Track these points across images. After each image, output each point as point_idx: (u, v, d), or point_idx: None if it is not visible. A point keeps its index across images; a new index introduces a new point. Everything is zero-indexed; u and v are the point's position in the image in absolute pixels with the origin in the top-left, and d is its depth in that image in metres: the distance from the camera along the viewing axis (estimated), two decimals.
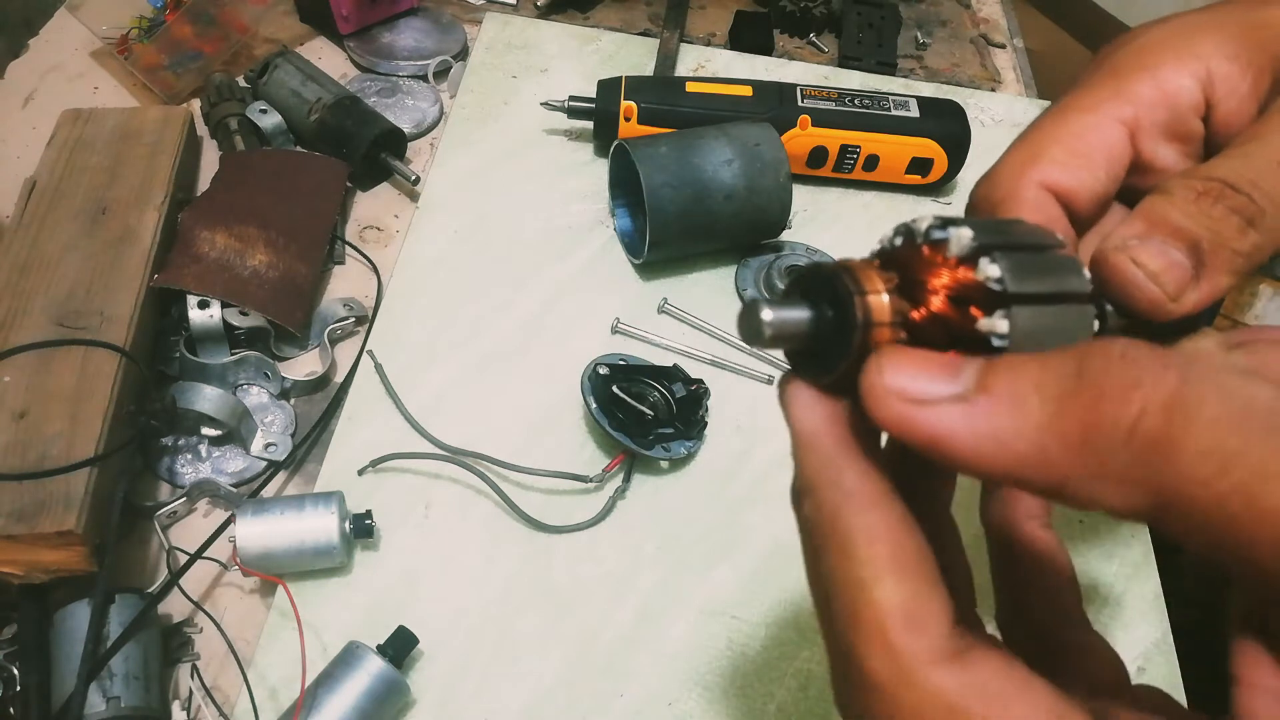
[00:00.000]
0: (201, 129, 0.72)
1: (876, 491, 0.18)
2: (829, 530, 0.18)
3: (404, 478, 0.54)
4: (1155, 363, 0.15)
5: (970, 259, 0.20)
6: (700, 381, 0.56)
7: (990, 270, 0.19)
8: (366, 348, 0.60)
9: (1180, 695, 0.49)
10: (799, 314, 0.21)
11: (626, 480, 0.55)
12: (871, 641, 0.17)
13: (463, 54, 0.81)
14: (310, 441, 0.56)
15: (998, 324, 0.19)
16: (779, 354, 0.54)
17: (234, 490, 0.53)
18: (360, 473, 0.54)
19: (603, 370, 0.55)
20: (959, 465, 0.16)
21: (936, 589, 0.18)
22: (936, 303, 0.19)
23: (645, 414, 0.54)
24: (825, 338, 0.21)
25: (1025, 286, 0.19)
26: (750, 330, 0.21)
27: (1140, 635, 0.53)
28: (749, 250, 0.68)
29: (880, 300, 0.20)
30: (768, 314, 0.21)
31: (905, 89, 0.83)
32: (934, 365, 0.17)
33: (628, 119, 0.70)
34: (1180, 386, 0.14)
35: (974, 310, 0.19)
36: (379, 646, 0.45)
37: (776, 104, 0.70)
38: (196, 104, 0.73)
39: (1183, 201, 0.23)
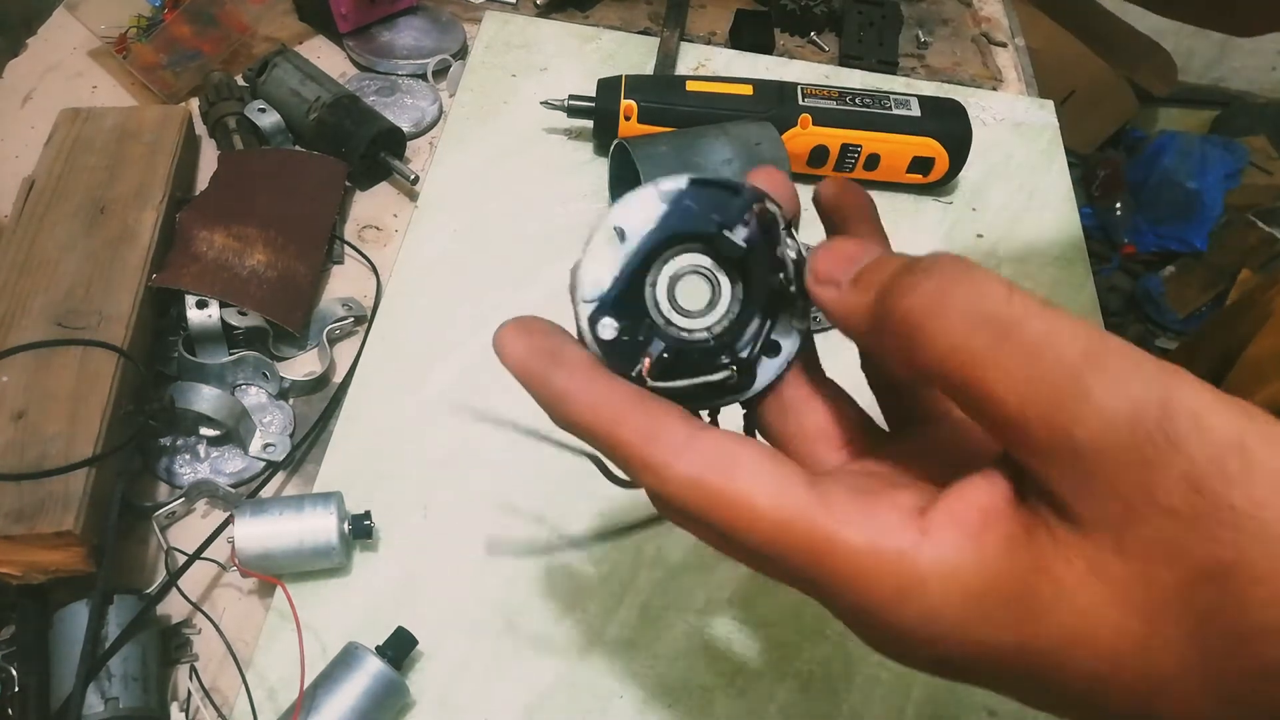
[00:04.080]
0: (200, 128, 0.71)
1: (580, 377, 0.24)
2: (580, 421, 0.23)
3: (403, 478, 0.54)
4: (930, 277, 0.21)
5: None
6: (760, 197, 0.26)
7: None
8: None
9: None
10: None
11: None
12: (637, 467, 0.23)
13: (462, 53, 0.80)
14: (309, 442, 0.56)
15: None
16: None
17: (233, 491, 0.53)
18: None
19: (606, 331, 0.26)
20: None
21: (661, 407, 0.23)
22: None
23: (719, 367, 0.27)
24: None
25: None
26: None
27: None
28: None
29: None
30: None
31: (906, 88, 0.83)
32: (840, 257, 0.24)
33: (628, 118, 0.70)
34: (925, 307, 0.20)
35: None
36: (378, 647, 0.45)
37: (777, 103, 0.70)
38: (195, 103, 0.73)
39: None
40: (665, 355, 0.25)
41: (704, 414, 0.27)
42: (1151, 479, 0.17)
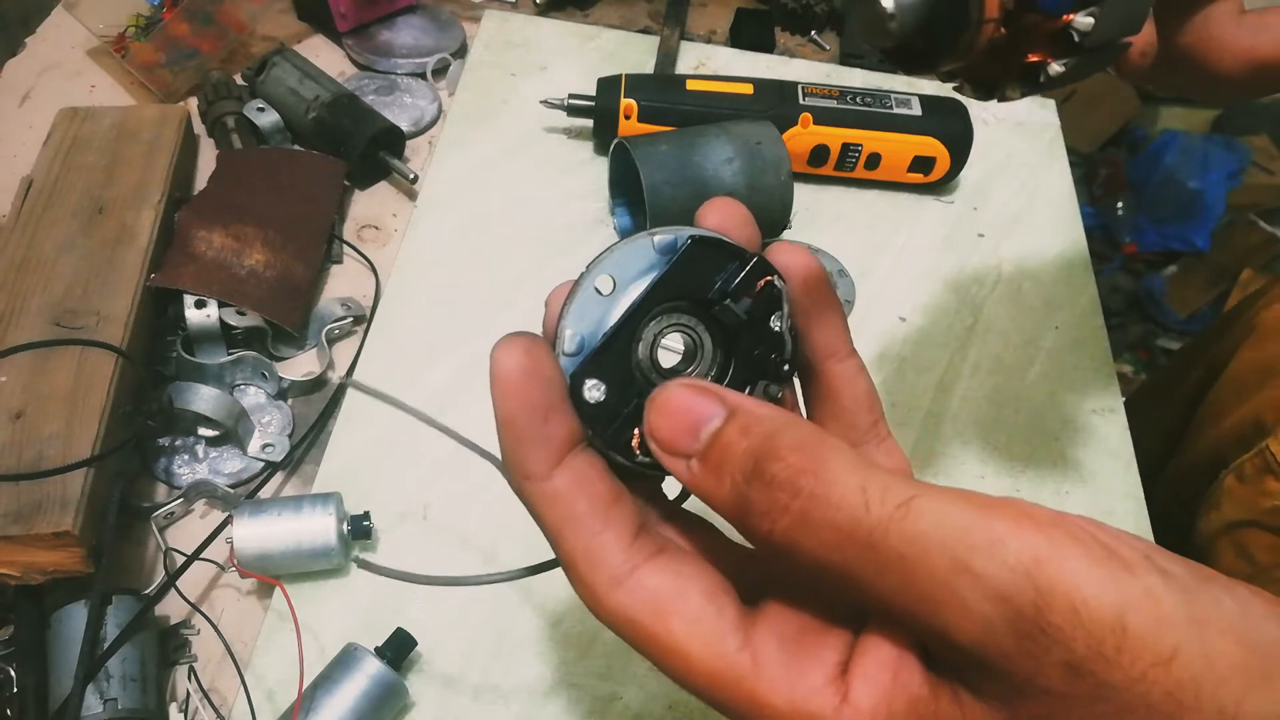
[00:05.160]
0: (199, 127, 0.71)
1: (549, 464, 0.23)
2: (531, 505, 0.23)
3: (403, 478, 0.54)
4: (786, 494, 0.20)
5: None
6: (767, 270, 0.25)
7: None
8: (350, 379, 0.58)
9: None
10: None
11: None
12: (575, 582, 0.23)
13: (461, 52, 0.80)
14: (308, 442, 0.56)
15: (1082, 21, 0.25)
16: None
17: (231, 491, 0.53)
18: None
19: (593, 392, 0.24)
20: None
21: (610, 523, 0.22)
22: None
23: None
24: (938, 23, 0.24)
25: None
26: (871, 17, 0.24)
27: None
28: None
29: None
30: (889, 2, 0.24)
31: (908, 87, 0.83)
32: (682, 422, 0.22)
33: (628, 117, 0.70)
34: (788, 529, 0.20)
35: (1066, 17, 0.25)
36: (377, 648, 0.45)
37: (778, 102, 0.70)
38: (194, 102, 0.73)
39: None
40: None
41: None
42: (1035, 668, 0.18)
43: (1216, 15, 0.39)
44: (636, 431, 0.24)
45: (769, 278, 0.24)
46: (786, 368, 0.25)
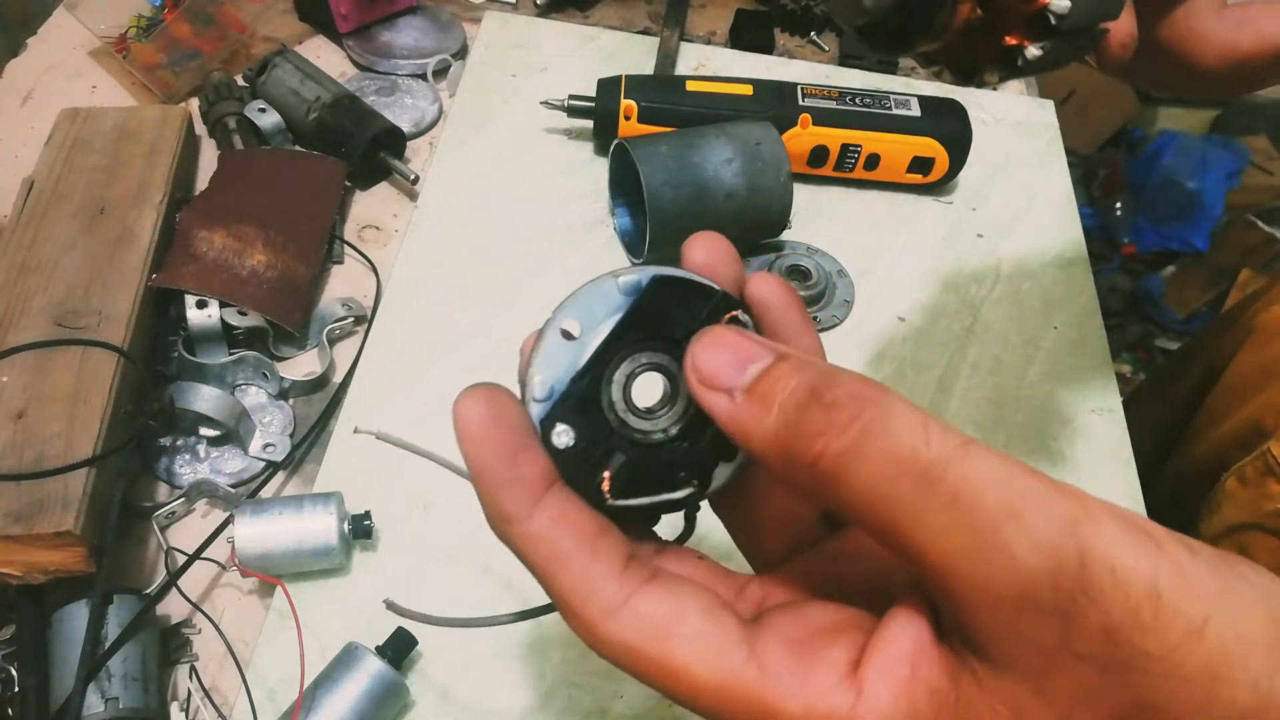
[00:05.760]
0: (200, 128, 0.71)
1: (528, 504, 0.22)
2: (516, 549, 0.23)
3: (403, 478, 0.54)
4: (846, 416, 0.20)
5: None
6: (733, 304, 0.25)
7: None
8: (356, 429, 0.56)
9: None
10: None
11: None
12: (570, 619, 0.22)
13: (462, 53, 0.80)
14: (309, 442, 0.56)
15: (1058, 4, 0.25)
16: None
17: (232, 491, 0.53)
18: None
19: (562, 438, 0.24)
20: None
21: (599, 555, 0.22)
22: None
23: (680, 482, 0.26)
24: (914, 2, 0.25)
25: None
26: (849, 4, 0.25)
27: None
28: (750, 250, 0.68)
29: None
30: None
31: (906, 88, 0.83)
32: (729, 357, 0.22)
33: (628, 118, 0.70)
34: (842, 453, 0.20)
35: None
36: (378, 647, 0.45)
37: (777, 103, 0.70)
38: (195, 103, 0.73)
39: None
40: (623, 467, 0.24)
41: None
42: (1070, 631, 0.18)
43: (1198, 8, 0.39)
44: (606, 475, 0.23)
45: (734, 312, 0.24)
46: None
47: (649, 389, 0.25)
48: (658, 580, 0.22)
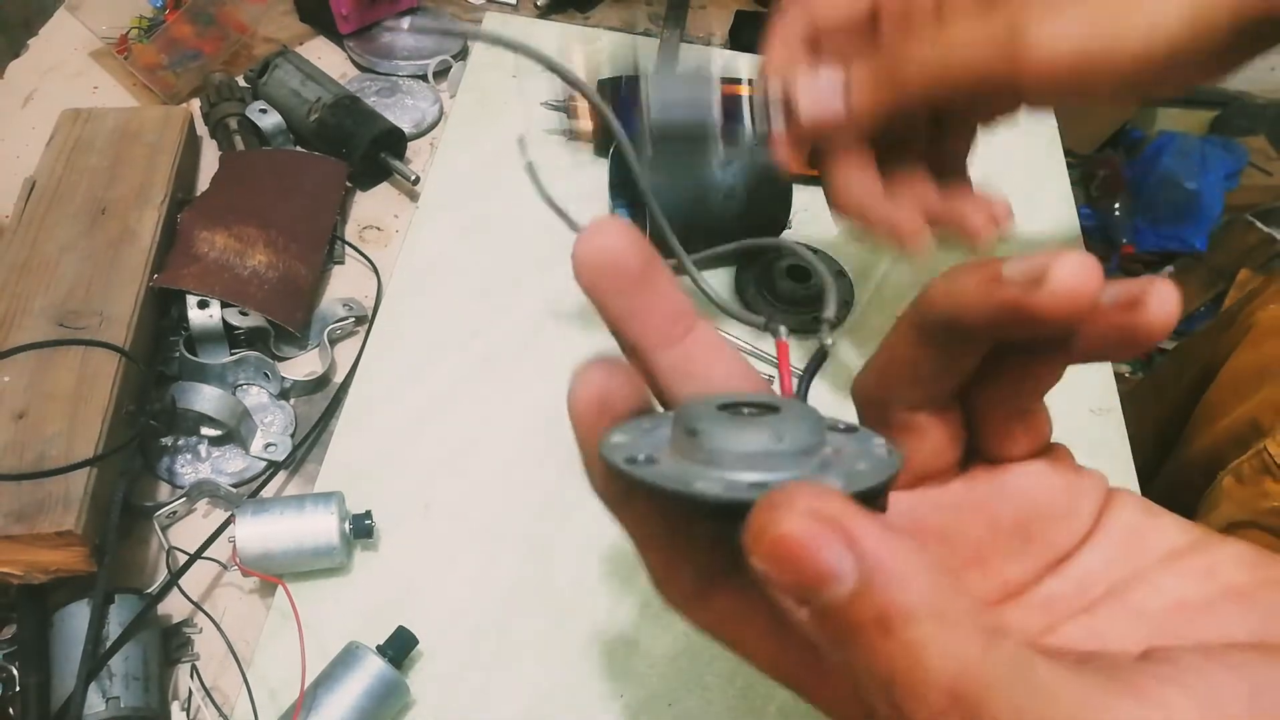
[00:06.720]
0: (201, 129, 0.71)
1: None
2: (612, 510, 0.23)
3: (404, 478, 0.54)
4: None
5: None
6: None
7: None
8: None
9: None
10: None
11: None
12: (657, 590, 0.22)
13: (462, 53, 0.81)
14: (310, 442, 0.56)
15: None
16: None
17: (234, 490, 0.53)
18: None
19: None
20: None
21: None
22: None
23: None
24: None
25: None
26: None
27: None
28: (749, 250, 0.68)
29: None
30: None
31: None
32: (798, 573, 0.16)
33: None
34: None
35: None
36: (379, 647, 0.45)
37: None
38: (196, 104, 0.73)
39: None
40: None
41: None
42: None
43: None
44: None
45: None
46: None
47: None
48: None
